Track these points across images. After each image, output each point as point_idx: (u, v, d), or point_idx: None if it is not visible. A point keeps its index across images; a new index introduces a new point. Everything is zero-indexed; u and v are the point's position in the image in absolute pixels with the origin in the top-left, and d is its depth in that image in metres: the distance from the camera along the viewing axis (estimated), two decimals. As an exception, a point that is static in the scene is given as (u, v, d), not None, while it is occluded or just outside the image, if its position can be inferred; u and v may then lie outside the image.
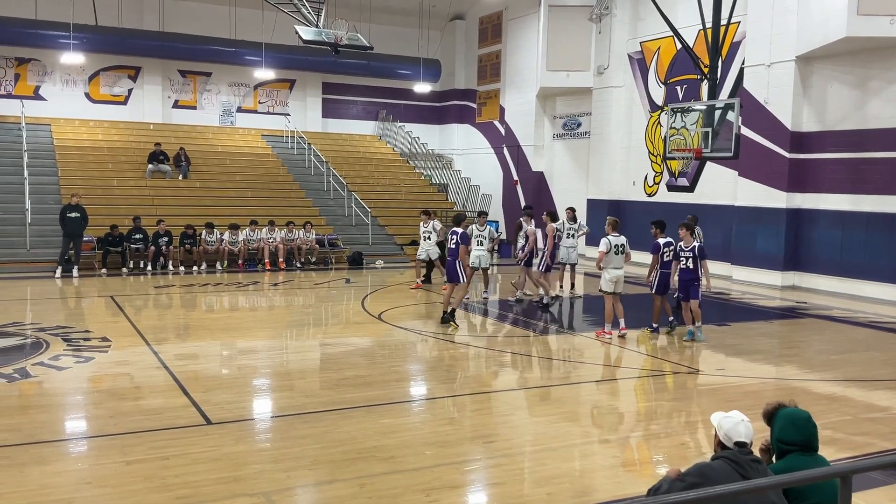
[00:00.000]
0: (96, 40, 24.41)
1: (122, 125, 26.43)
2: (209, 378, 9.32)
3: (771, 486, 3.68)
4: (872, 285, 16.76)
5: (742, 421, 4.09)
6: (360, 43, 19.88)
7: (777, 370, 10.60)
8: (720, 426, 4.13)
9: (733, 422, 4.09)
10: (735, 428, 4.06)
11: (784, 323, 14.33)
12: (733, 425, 4.08)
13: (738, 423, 4.08)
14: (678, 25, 18.60)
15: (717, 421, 4.19)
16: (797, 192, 18.24)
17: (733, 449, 4.01)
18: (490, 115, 29.90)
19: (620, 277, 12.21)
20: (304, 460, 6.53)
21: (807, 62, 17.91)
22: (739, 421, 4.09)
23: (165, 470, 6.20)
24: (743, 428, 4.06)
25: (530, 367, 10.57)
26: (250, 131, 28.44)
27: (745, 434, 4.05)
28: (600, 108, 24.14)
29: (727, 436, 4.07)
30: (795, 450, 4.11)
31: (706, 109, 16.73)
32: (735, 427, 4.07)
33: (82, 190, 20.01)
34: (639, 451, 7.22)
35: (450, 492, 6.01)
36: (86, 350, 10.42)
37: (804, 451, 4.10)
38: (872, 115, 16.86)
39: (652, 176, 22.97)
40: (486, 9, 29.63)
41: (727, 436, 4.07)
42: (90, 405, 8.22)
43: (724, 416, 4.17)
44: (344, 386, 8.98)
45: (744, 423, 4.08)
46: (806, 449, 4.11)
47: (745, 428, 4.06)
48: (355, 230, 23.15)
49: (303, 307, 15.25)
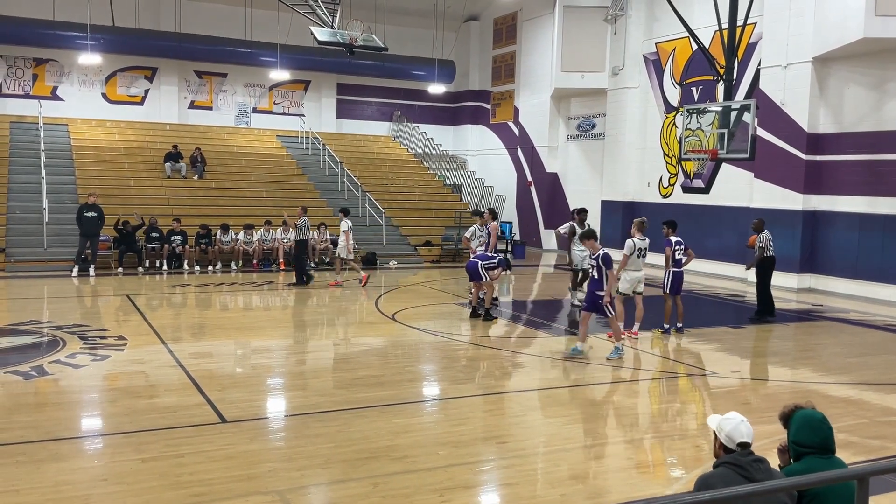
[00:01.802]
0: (113, 41, 24.62)
1: (139, 125, 26.62)
2: (224, 377, 9.36)
3: (788, 487, 3.66)
4: (889, 288, 16.62)
5: (742, 421, 4.05)
6: (375, 44, 19.93)
7: (793, 373, 10.53)
8: (721, 428, 4.09)
9: (734, 423, 4.05)
10: (737, 429, 4.02)
11: (800, 326, 14.23)
12: (734, 426, 4.03)
13: (738, 424, 4.03)
14: (694, 26, 18.52)
15: (715, 424, 4.15)
16: (813, 194, 18.12)
17: (736, 450, 3.98)
18: (504, 116, 29.89)
19: (640, 279, 12.19)
20: (317, 459, 6.55)
21: (823, 63, 17.79)
22: (739, 422, 4.05)
23: (180, 467, 6.23)
24: (744, 427, 4.02)
25: (543, 368, 10.55)
26: (265, 132, 28.57)
27: (747, 434, 4.01)
28: (615, 110, 24.08)
29: (729, 437, 4.03)
30: (811, 452, 4.08)
31: (722, 111, 16.65)
32: (737, 428, 4.02)
33: (99, 189, 20.14)
34: (652, 453, 7.19)
35: (463, 492, 6.01)
36: (102, 348, 10.50)
37: (821, 454, 4.07)
38: (890, 117, 16.72)
39: (667, 177, 22.88)
40: (500, 10, 29.63)
41: (729, 437, 4.03)
42: (106, 403, 8.28)
43: (723, 419, 4.12)
44: (357, 385, 9.00)
45: (744, 423, 4.04)
46: (822, 451, 4.08)
47: (746, 427, 4.03)
48: (369, 230, 23.19)
49: (316, 307, 15.29)
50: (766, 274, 14.19)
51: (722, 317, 15.21)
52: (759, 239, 14.05)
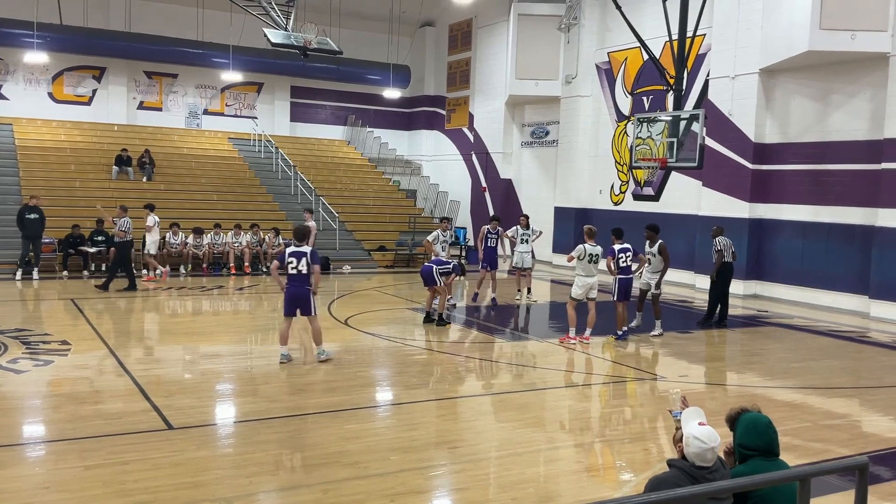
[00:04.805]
0: (60, 40, 24.04)
1: (86, 126, 26.06)
2: (171, 383, 9.20)
3: (732, 488, 3.72)
4: (832, 295, 17.08)
5: (712, 448, 3.96)
6: (330, 47, 19.79)
7: (739, 377, 10.74)
8: (688, 443, 4.00)
9: (702, 448, 3.95)
10: (702, 455, 3.95)
11: (746, 331, 14.53)
12: (701, 451, 3.95)
13: (706, 451, 3.95)
14: (645, 37, 18.81)
15: (687, 433, 4.04)
16: (759, 203, 18.53)
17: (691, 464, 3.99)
18: (459, 122, 29.98)
19: (593, 285, 12.32)
20: (266, 466, 6.47)
21: (770, 75, 18.22)
22: (709, 448, 3.95)
23: (125, 475, 6.10)
24: (710, 455, 3.96)
25: (495, 372, 10.59)
26: (217, 134, 28.20)
27: (710, 460, 3.97)
28: (568, 117, 24.33)
29: (689, 456, 3.98)
30: (756, 455, 4.15)
31: (672, 120, 16.93)
32: (702, 454, 3.95)
33: (44, 191, 19.67)
34: (602, 457, 7.26)
35: (414, 497, 5.99)
36: (45, 353, 10.23)
37: (765, 456, 4.15)
38: (833, 128, 17.20)
39: (618, 185, 23.18)
40: (456, 16, 29.73)
41: (689, 456, 3.98)
42: (49, 409, 8.06)
43: (695, 436, 3.98)
44: (309, 391, 8.92)
45: (712, 451, 3.96)
46: (767, 454, 4.16)
47: (712, 455, 3.97)
48: (322, 235, 23.02)
49: (268, 311, 15.12)
50: (723, 281, 14.38)
51: (671, 322, 15.41)
52: (715, 243, 14.26)
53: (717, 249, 14.18)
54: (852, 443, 7.72)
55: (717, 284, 14.34)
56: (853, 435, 8.04)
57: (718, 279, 14.29)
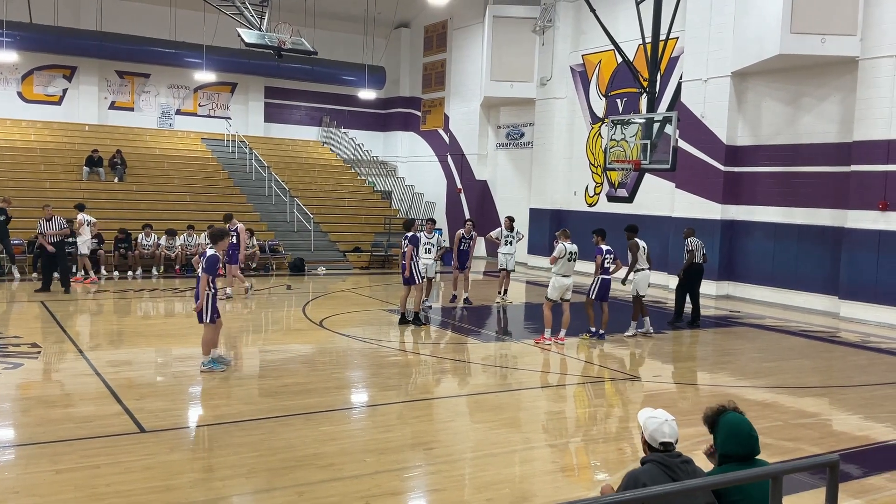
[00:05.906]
0: (30, 38, 23.70)
1: (56, 126, 25.72)
2: (143, 385, 9.09)
3: (705, 486, 3.75)
4: (803, 295, 17.31)
5: (666, 421, 4.12)
6: (304, 48, 19.71)
7: (712, 377, 10.84)
8: (645, 426, 4.15)
9: (657, 422, 4.11)
10: (660, 429, 4.09)
11: (718, 331, 14.67)
12: (658, 426, 4.10)
13: (662, 424, 4.10)
14: (619, 40, 18.95)
15: (642, 420, 4.20)
16: (731, 205, 18.73)
17: (659, 450, 4.06)
18: (434, 124, 29.98)
19: (568, 286, 12.38)
20: (240, 469, 6.41)
21: (742, 78, 18.43)
22: (664, 421, 4.11)
23: (97, 479, 6.02)
24: (668, 428, 4.09)
25: (471, 373, 10.59)
26: (189, 134, 27.95)
27: (670, 434, 4.09)
28: (543, 119, 24.43)
29: (652, 436, 4.10)
30: (733, 461, 4.14)
31: (645, 122, 17.08)
32: (660, 428, 4.09)
33: (14, 192, 19.37)
34: (577, 457, 7.29)
35: (390, 499, 5.97)
36: (14, 356, 10.07)
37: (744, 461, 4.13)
38: (804, 131, 17.43)
39: (593, 186, 23.31)
40: (431, 17, 29.73)
41: (652, 436, 4.10)
42: (18, 412, 7.93)
43: (649, 416, 4.17)
44: (283, 393, 8.86)
45: (668, 424, 4.10)
46: (744, 459, 4.15)
47: (670, 428, 4.10)
48: (297, 236, 22.92)
49: (242, 314, 15.00)
50: (691, 281, 14.51)
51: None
52: (686, 244, 14.41)
53: (688, 250, 14.34)
54: (823, 441, 7.82)
55: (685, 285, 14.51)
56: (824, 433, 8.15)
57: (686, 279, 14.44)
